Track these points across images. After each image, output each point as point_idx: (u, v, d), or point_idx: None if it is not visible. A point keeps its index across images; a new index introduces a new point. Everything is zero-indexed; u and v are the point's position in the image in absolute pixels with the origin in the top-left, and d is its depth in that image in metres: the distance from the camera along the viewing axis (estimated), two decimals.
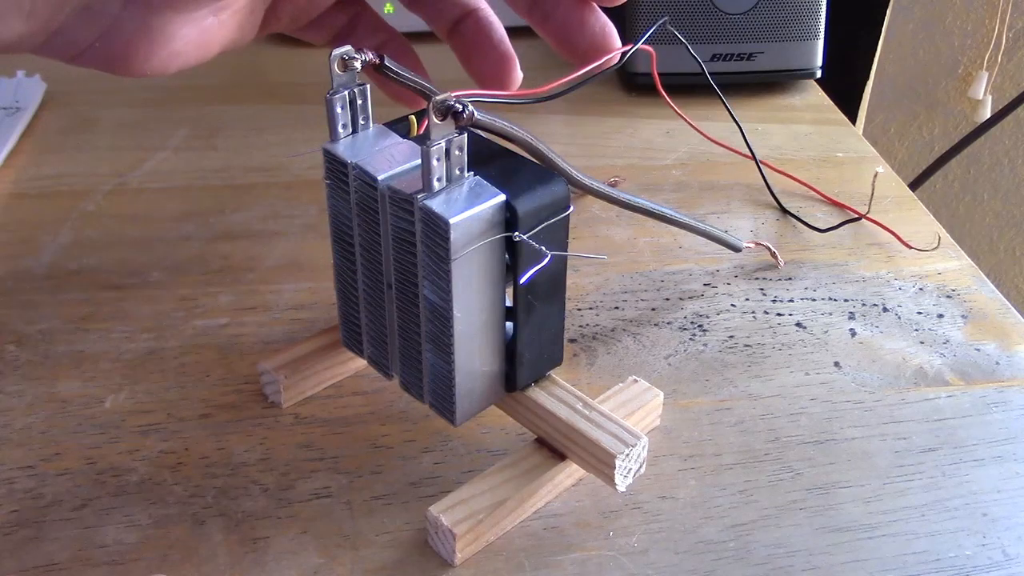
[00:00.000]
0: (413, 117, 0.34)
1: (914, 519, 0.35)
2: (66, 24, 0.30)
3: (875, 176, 0.50)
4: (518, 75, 0.38)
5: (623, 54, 0.37)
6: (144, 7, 0.31)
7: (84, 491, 0.35)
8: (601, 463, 0.33)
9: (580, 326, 0.44)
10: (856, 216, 0.51)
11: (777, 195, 0.53)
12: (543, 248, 0.31)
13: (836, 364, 0.42)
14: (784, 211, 0.52)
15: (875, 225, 0.51)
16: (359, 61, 0.33)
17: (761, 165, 0.53)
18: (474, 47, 0.38)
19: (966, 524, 0.35)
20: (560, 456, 0.35)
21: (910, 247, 0.49)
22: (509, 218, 0.31)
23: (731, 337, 0.44)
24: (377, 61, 0.33)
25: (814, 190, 0.54)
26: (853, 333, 0.44)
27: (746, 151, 0.53)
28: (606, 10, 0.37)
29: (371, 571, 0.32)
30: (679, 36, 0.43)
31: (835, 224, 0.51)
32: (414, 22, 0.41)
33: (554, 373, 0.36)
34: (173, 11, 0.32)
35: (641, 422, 0.37)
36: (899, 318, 0.45)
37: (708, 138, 0.55)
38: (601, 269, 0.48)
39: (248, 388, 0.40)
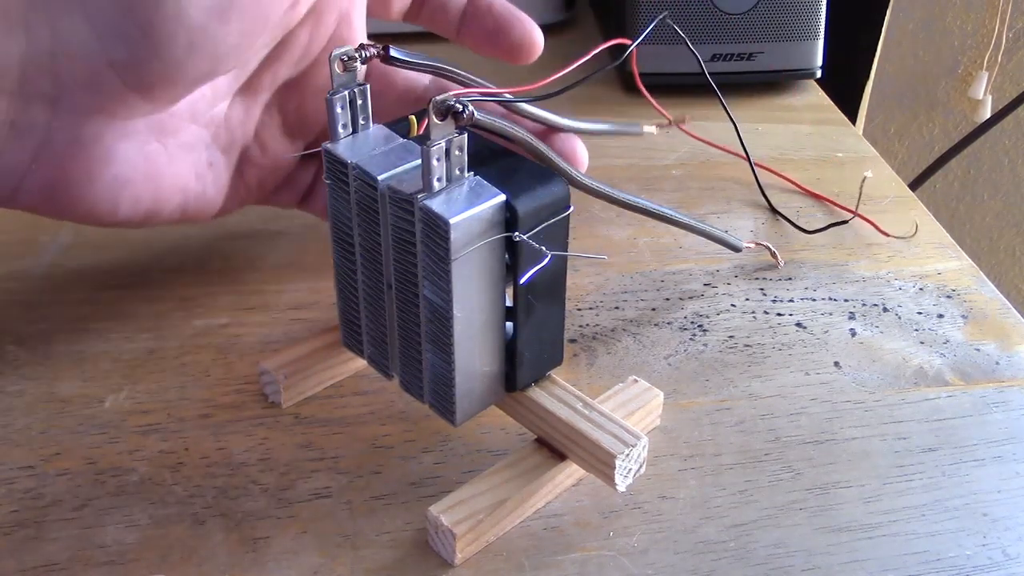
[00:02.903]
0: (413, 117, 0.34)
1: (914, 519, 0.35)
2: None
3: (863, 180, 0.50)
4: (538, 34, 0.39)
5: (622, 48, 0.37)
6: (71, 114, 0.30)
7: (84, 491, 0.35)
8: (601, 463, 0.33)
9: (580, 326, 0.44)
10: (844, 220, 0.51)
11: (774, 195, 0.53)
12: (543, 248, 0.31)
13: (836, 364, 0.42)
14: (774, 211, 0.52)
15: (868, 224, 0.51)
16: (359, 61, 0.33)
17: (755, 167, 0.52)
18: (489, 28, 0.39)
19: (966, 524, 0.35)
20: (560, 456, 0.35)
21: (888, 235, 0.50)
22: (509, 218, 0.31)
23: (731, 337, 0.44)
24: (383, 52, 0.33)
25: (806, 191, 0.54)
26: (853, 333, 0.44)
27: (743, 151, 0.53)
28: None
29: (371, 571, 0.32)
30: (678, 31, 0.43)
31: (822, 226, 0.50)
32: (403, 25, 0.41)
33: (554, 373, 0.36)
34: (103, 116, 0.31)
35: (641, 422, 0.37)
36: (899, 318, 0.45)
37: (699, 138, 0.55)
38: (601, 269, 0.48)
39: (248, 388, 0.40)
